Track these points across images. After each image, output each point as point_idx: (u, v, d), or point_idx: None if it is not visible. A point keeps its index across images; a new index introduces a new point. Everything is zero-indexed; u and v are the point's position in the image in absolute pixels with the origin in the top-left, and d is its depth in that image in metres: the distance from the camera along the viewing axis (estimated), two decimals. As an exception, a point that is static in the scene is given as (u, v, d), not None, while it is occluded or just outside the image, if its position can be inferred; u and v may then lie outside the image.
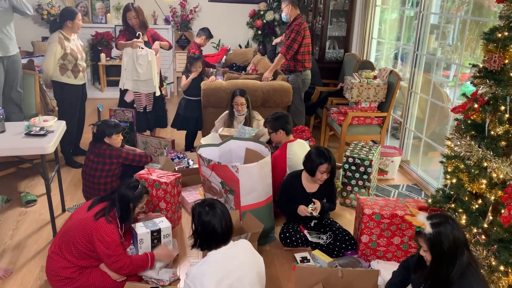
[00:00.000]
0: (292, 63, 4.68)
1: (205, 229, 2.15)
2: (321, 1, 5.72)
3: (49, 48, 3.92)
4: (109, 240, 2.42)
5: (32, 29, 6.60)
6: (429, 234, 1.96)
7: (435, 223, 1.97)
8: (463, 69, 3.96)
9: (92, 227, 2.42)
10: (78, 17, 4.00)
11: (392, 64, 5.38)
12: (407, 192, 4.03)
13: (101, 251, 2.42)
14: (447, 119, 4.11)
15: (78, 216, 2.51)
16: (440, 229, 1.94)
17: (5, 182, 3.88)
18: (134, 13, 4.31)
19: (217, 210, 2.17)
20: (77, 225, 2.45)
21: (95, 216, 2.45)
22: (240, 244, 2.23)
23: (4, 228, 3.24)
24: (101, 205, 2.53)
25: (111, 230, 2.44)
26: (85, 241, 2.43)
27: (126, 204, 2.54)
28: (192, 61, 4.55)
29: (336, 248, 2.98)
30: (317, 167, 3.00)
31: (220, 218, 2.15)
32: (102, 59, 6.73)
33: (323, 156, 2.99)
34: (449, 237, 1.92)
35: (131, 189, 2.58)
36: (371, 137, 4.66)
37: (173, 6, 6.95)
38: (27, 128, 3.05)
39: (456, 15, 4.16)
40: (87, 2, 6.77)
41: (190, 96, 4.54)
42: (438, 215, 2.05)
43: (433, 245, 1.95)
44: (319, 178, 3.04)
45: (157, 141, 4.35)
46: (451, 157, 2.42)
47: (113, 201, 2.54)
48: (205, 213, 2.16)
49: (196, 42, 5.29)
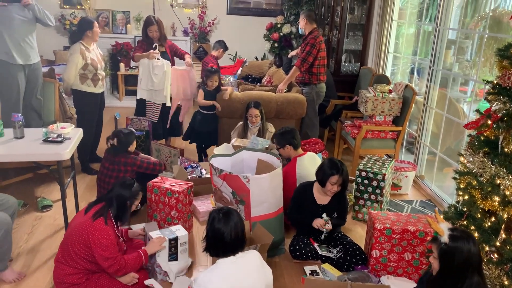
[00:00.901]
0: (307, 76, 4.71)
1: (215, 235, 2.17)
2: (338, 15, 5.75)
3: (70, 59, 4.02)
4: (106, 243, 2.44)
5: (55, 39, 6.79)
6: (444, 244, 1.92)
7: (454, 235, 1.93)
8: (480, 85, 3.92)
9: (89, 230, 2.43)
10: (95, 25, 4.10)
11: (408, 78, 5.35)
12: (421, 207, 3.98)
13: (98, 254, 2.43)
14: (463, 135, 4.07)
15: (75, 222, 2.55)
16: (457, 244, 1.90)
17: (22, 187, 3.97)
18: (156, 27, 4.42)
19: (231, 219, 2.19)
20: (74, 231, 2.49)
21: (93, 217, 2.48)
22: (249, 255, 2.24)
23: (19, 232, 3.30)
24: (97, 206, 2.56)
25: (107, 232, 2.46)
26: (83, 245, 2.45)
27: (123, 202, 2.58)
28: (209, 75, 4.50)
29: (346, 262, 2.95)
30: (328, 178, 2.98)
31: (231, 228, 2.16)
32: (121, 69, 6.86)
33: (335, 167, 2.98)
34: (463, 254, 1.88)
35: (127, 187, 2.62)
36: (385, 151, 4.63)
37: (192, 19, 7.07)
38: (45, 134, 3.12)
39: (474, 31, 4.13)
40: (108, 13, 6.94)
41: (206, 110, 4.51)
42: (461, 230, 2.01)
43: (444, 256, 1.92)
44: (329, 190, 3.02)
45: (167, 149, 4.41)
46: (463, 173, 2.39)
47: (109, 201, 2.57)
48: (217, 220, 2.18)
49: (213, 55, 5.36)
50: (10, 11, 3.69)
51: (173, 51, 4.68)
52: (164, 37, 4.55)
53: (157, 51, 4.37)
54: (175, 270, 2.76)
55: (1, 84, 3.86)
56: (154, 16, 4.49)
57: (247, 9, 7.27)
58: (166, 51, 4.55)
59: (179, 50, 4.74)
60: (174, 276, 2.75)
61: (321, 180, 3.04)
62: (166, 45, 4.57)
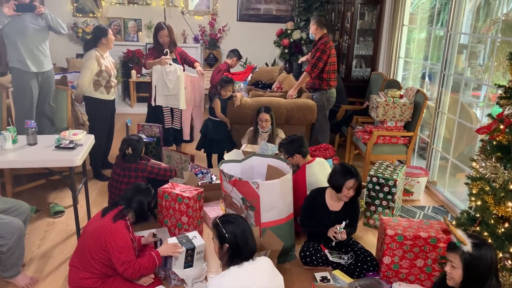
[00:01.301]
0: (317, 81, 4.70)
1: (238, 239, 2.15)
2: (348, 20, 5.75)
3: (86, 65, 4.08)
4: (122, 245, 2.45)
5: (67, 46, 6.89)
6: (468, 253, 1.90)
7: (477, 244, 1.91)
8: (493, 89, 3.88)
9: (108, 232, 2.45)
10: (109, 33, 4.16)
11: (420, 83, 5.32)
12: (433, 213, 3.93)
13: (114, 256, 2.45)
14: (475, 140, 4.02)
15: (92, 226, 2.56)
16: (481, 252, 1.89)
17: (35, 193, 4.02)
18: (166, 32, 4.46)
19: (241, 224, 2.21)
20: (92, 235, 2.50)
21: (114, 219, 2.50)
22: (260, 261, 2.23)
23: (32, 237, 3.34)
24: (114, 210, 2.58)
25: (125, 235, 2.49)
26: (100, 249, 2.47)
27: (144, 206, 2.63)
28: (224, 84, 4.44)
29: (357, 269, 2.93)
30: (344, 183, 2.96)
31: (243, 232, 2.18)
32: (133, 76, 6.93)
33: (349, 172, 2.96)
34: (488, 261, 1.88)
35: (145, 192, 2.67)
36: (396, 156, 4.59)
37: (202, 25, 7.12)
38: (57, 141, 3.16)
39: (486, 35, 4.09)
40: (120, 21, 7.03)
41: (215, 117, 4.47)
42: (477, 236, 2.00)
43: (469, 265, 1.90)
44: (345, 195, 2.99)
45: (178, 155, 4.43)
46: (476, 178, 2.36)
47: (128, 205, 2.60)
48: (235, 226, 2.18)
49: (227, 63, 5.40)
50: (24, 20, 3.75)
51: (183, 58, 4.72)
52: (174, 44, 4.59)
53: (168, 57, 4.41)
54: (192, 277, 2.75)
55: (15, 92, 3.93)
56: (165, 22, 4.54)
57: (257, 15, 7.30)
58: (176, 58, 4.60)
59: (189, 57, 4.77)
60: (192, 283, 2.74)
61: (336, 186, 3.01)
62: (176, 52, 4.61)
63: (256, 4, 7.26)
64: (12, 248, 2.62)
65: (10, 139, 3.07)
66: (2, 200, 2.83)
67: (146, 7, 7.01)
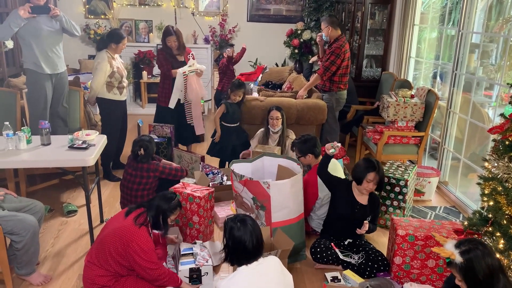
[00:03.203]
0: (328, 84, 4.66)
1: (236, 244, 2.16)
2: (359, 20, 5.73)
3: (99, 67, 4.13)
4: (146, 248, 2.49)
5: (79, 48, 6.98)
6: (460, 263, 1.88)
7: (464, 250, 1.90)
8: (505, 89, 3.84)
9: (132, 234, 2.48)
10: (123, 42, 4.21)
11: (431, 83, 5.28)
12: (445, 214, 3.91)
13: (138, 259, 2.46)
14: (487, 140, 3.98)
15: (114, 224, 2.59)
16: (470, 256, 1.87)
17: (48, 193, 4.08)
18: (174, 38, 4.48)
19: (248, 226, 2.18)
20: (114, 233, 2.52)
21: (137, 223, 2.52)
22: (269, 261, 2.23)
23: (46, 236, 3.39)
24: (137, 211, 2.61)
25: (147, 239, 2.53)
26: (121, 249, 2.49)
27: (158, 214, 2.62)
28: (234, 89, 4.30)
29: (368, 269, 2.92)
30: (365, 176, 2.98)
31: (251, 234, 2.16)
32: (144, 77, 6.99)
33: (371, 165, 2.99)
34: (482, 263, 1.84)
35: (166, 200, 2.67)
36: (407, 156, 4.57)
37: (213, 26, 7.16)
38: (71, 141, 3.21)
39: (498, 34, 4.06)
40: (131, 22, 7.09)
41: (229, 123, 4.36)
42: (466, 241, 1.96)
43: (467, 273, 1.88)
44: (365, 188, 3.01)
45: (189, 156, 4.45)
46: (488, 178, 2.35)
47: (149, 209, 2.63)
48: (236, 229, 2.17)
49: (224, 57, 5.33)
50: (38, 23, 3.81)
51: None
52: (183, 47, 4.61)
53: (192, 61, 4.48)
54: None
55: (29, 93, 3.99)
56: (173, 27, 4.55)
57: (267, 16, 7.32)
58: (185, 61, 4.62)
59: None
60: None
61: (357, 177, 3.03)
62: (185, 55, 4.64)
63: (266, 4, 7.28)
64: (27, 244, 2.67)
65: (24, 139, 3.13)
66: (17, 199, 2.88)
67: (157, 9, 7.06)
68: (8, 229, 2.61)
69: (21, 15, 3.64)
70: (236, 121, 4.37)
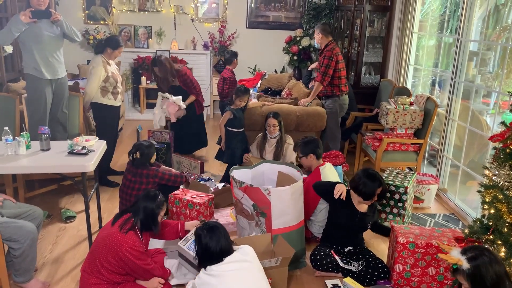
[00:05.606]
0: (329, 88, 4.69)
1: (203, 250, 2.27)
2: (357, 27, 5.76)
3: (93, 72, 4.13)
4: (137, 253, 2.51)
5: (79, 53, 6.97)
6: (467, 270, 1.88)
7: (471, 257, 1.90)
8: (504, 96, 3.86)
9: (119, 241, 2.49)
10: (119, 50, 4.24)
11: (430, 90, 5.31)
12: (444, 221, 3.91)
13: (132, 264, 2.48)
14: (486, 148, 4.00)
15: (102, 233, 2.60)
16: (478, 263, 1.87)
17: (47, 198, 4.06)
18: (157, 69, 4.63)
19: (215, 232, 2.28)
20: (101, 242, 2.54)
21: (122, 230, 2.53)
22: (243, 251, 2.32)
23: (44, 242, 3.37)
24: (123, 217, 2.61)
25: (137, 243, 2.53)
26: (111, 257, 2.50)
27: (150, 214, 2.63)
28: (240, 95, 4.28)
29: (368, 276, 2.92)
30: (375, 191, 2.99)
31: (217, 239, 2.25)
32: (143, 82, 6.99)
33: (376, 180, 3.00)
34: (489, 270, 1.84)
35: (151, 199, 2.67)
36: (406, 164, 4.58)
37: (212, 32, 7.17)
38: (70, 147, 3.20)
39: (496, 42, 4.08)
40: (130, 28, 7.10)
41: (236, 128, 4.35)
42: (472, 248, 1.97)
43: (474, 280, 1.88)
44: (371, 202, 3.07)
45: (188, 162, 4.44)
46: (489, 186, 2.35)
47: (135, 213, 2.62)
48: (203, 236, 2.28)
49: (228, 68, 5.39)
50: (39, 28, 3.80)
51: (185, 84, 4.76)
52: (172, 74, 4.69)
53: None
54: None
55: (29, 98, 3.97)
56: (160, 56, 4.67)
57: (266, 22, 7.34)
58: (180, 85, 4.65)
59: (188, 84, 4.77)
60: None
61: (367, 194, 2.99)
62: (178, 79, 4.68)
63: (265, 11, 7.30)
64: (25, 252, 2.64)
65: (24, 144, 3.11)
66: (16, 205, 2.86)
67: (156, 15, 7.08)
68: (7, 235, 2.59)
69: (22, 20, 3.64)
70: (242, 126, 4.38)
